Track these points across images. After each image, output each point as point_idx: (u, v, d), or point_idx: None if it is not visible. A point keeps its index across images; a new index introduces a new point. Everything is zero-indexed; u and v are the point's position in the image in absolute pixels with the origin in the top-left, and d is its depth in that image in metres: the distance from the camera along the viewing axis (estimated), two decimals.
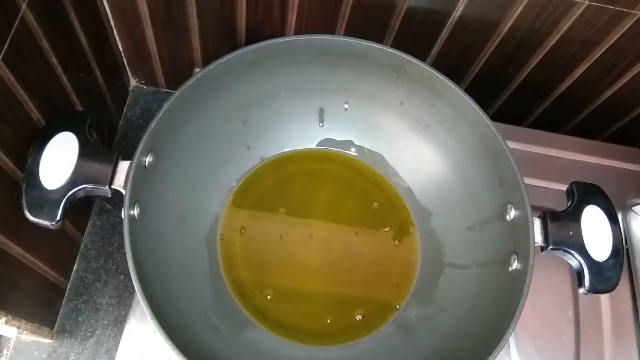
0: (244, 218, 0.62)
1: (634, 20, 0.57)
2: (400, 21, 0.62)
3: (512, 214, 0.53)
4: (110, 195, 0.48)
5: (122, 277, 0.68)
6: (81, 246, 0.69)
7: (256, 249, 0.61)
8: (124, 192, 0.47)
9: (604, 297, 0.63)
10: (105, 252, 0.69)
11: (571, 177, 0.56)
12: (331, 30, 0.65)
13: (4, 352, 0.62)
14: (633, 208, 0.67)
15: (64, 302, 0.66)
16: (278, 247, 0.61)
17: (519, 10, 0.58)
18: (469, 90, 0.55)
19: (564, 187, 0.56)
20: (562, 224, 0.52)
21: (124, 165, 0.48)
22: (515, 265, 0.51)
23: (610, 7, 0.55)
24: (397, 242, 0.62)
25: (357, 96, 0.63)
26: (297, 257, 0.61)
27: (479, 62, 0.68)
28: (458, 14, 0.60)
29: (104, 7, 0.65)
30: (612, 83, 0.68)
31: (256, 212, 0.62)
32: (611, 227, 0.52)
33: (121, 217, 0.46)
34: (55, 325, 0.64)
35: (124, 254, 0.45)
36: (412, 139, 0.63)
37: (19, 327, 0.55)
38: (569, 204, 0.54)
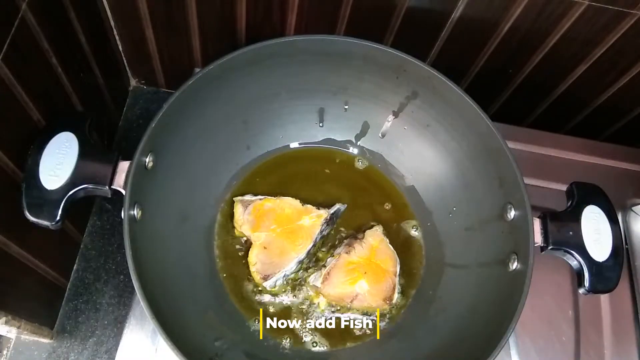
0: None
1: (634, 20, 0.57)
2: (400, 21, 0.62)
3: (512, 214, 0.53)
4: (110, 196, 0.48)
5: (122, 277, 0.68)
6: (81, 246, 0.69)
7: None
8: (124, 192, 0.47)
9: (604, 297, 0.63)
10: (105, 252, 0.69)
11: (571, 177, 0.56)
12: (331, 30, 0.65)
13: (4, 352, 0.62)
14: (633, 208, 0.67)
15: (64, 302, 0.66)
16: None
17: (519, 11, 0.58)
18: (469, 90, 0.55)
19: (564, 187, 0.56)
20: (562, 224, 0.52)
21: (124, 166, 0.48)
22: (515, 265, 0.51)
23: (610, 7, 0.55)
24: (397, 242, 0.62)
25: (357, 96, 0.63)
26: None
27: (479, 62, 0.68)
28: (458, 14, 0.60)
29: (104, 7, 0.65)
30: (612, 83, 0.68)
31: None
32: (611, 227, 0.52)
33: (121, 217, 0.46)
34: (55, 325, 0.64)
35: (124, 254, 0.45)
36: (412, 138, 0.63)
37: (19, 327, 0.55)
38: (569, 204, 0.54)
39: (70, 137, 0.49)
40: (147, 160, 0.50)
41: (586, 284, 0.51)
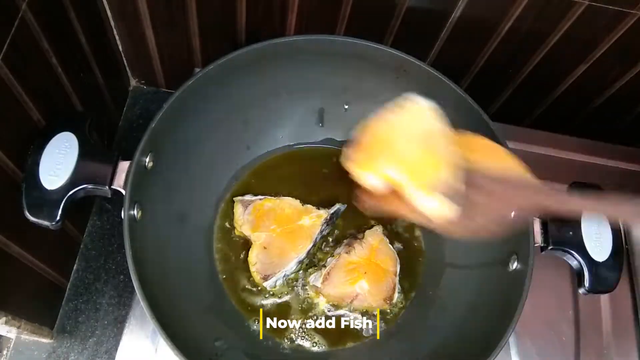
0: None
1: (634, 20, 0.57)
2: (400, 21, 0.62)
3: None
4: (110, 195, 0.48)
5: (122, 277, 0.68)
6: (81, 246, 0.69)
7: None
8: (123, 192, 0.47)
9: (604, 297, 0.63)
10: (105, 252, 0.69)
11: (571, 177, 0.56)
12: (331, 31, 0.65)
13: (4, 352, 0.62)
14: None
15: (64, 302, 0.66)
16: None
17: (519, 11, 0.58)
18: (469, 90, 0.55)
19: (564, 187, 0.56)
20: (562, 224, 0.52)
21: (124, 166, 0.48)
22: (515, 265, 0.51)
23: (610, 7, 0.55)
24: (398, 242, 0.62)
25: (357, 96, 0.63)
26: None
27: (479, 62, 0.68)
28: (458, 14, 0.60)
29: (104, 7, 0.65)
30: (612, 83, 0.68)
31: None
32: (611, 227, 0.52)
33: (121, 217, 0.46)
34: (55, 325, 0.64)
35: (124, 254, 0.45)
36: None
37: (19, 327, 0.55)
38: None
39: (70, 137, 0.49)
40: (147, 160, 0.50)
41: (586, 284, 0.51)
